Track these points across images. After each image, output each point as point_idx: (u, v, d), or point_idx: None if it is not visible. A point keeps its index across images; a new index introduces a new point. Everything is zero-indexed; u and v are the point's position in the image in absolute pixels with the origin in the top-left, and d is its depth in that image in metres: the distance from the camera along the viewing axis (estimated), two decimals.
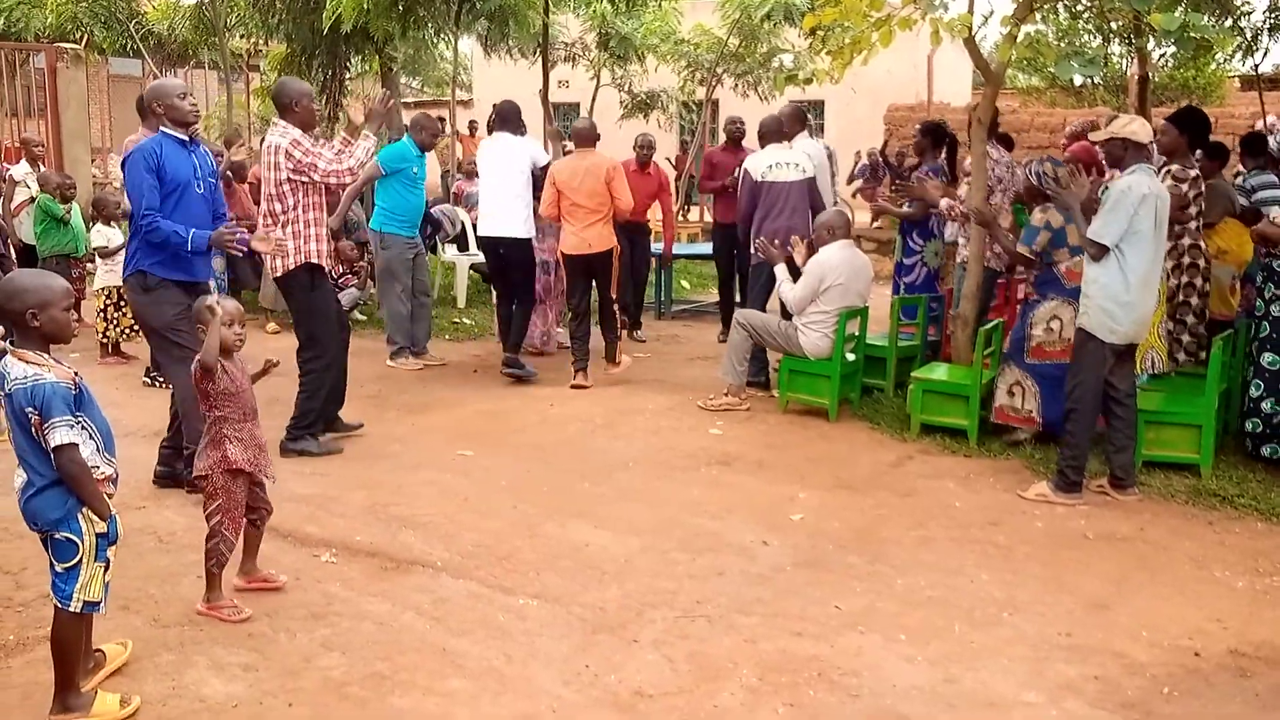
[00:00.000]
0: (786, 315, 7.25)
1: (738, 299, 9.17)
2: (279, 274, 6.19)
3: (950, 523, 5.29)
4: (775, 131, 8.07)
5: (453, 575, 4.64)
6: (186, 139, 5.43)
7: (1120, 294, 5.38)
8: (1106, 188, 5.58)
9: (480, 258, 9.51)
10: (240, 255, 7.17)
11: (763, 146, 8.06)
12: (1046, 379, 6.17)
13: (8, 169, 10.75)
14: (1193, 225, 6.50)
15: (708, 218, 18.08)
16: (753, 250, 7.62)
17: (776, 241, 7.37)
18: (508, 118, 8.17)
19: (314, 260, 6.16)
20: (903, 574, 4.67)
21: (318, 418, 6.36)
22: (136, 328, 8.77)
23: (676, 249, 12.14)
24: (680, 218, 17.09)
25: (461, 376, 8.35)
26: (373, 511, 5.35)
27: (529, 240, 7.99)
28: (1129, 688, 3.74)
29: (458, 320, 10.46)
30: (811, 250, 7.25)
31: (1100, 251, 5.40)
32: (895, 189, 8.55)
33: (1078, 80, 23.78)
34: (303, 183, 6.05)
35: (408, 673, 3.83)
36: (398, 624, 4.19)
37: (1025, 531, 5.18)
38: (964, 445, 6.42)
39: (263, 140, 6.23)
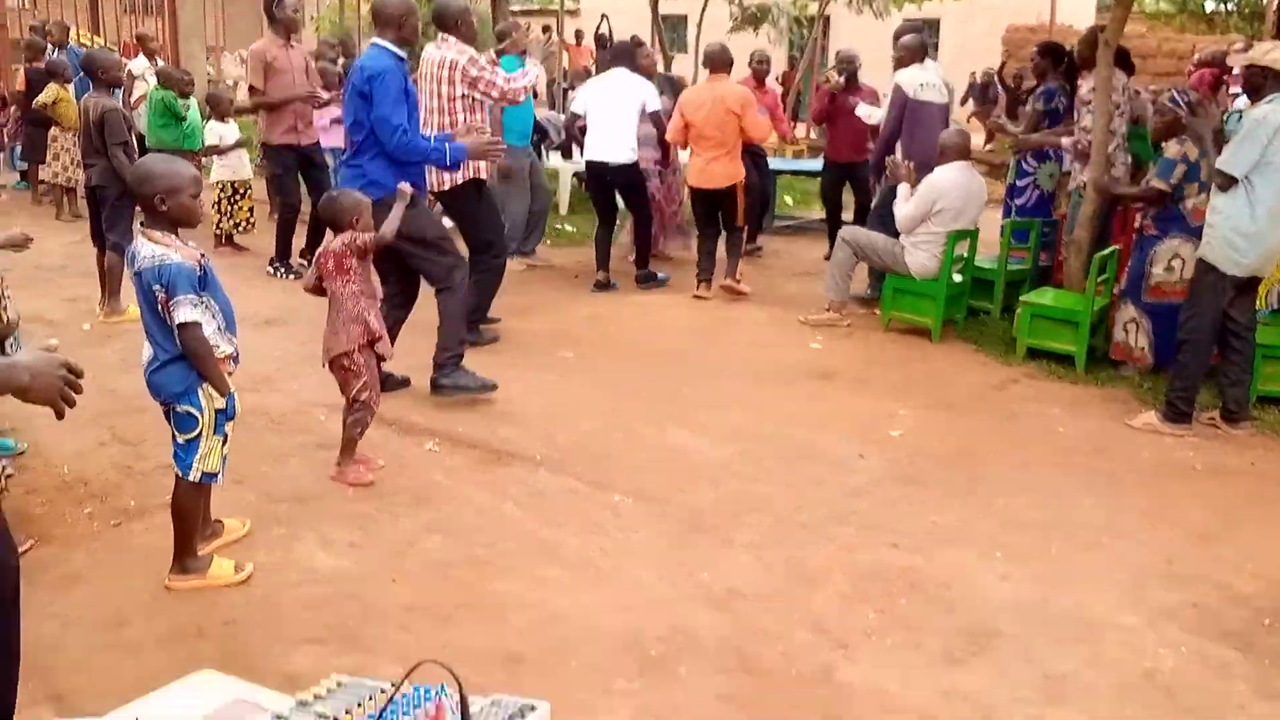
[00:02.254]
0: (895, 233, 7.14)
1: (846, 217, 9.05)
2: (445, 188, 6.24)
3: (1053, 448, 5.21)
4: (918, 50, 7.87)
5: (551, 471, 4.72)
6: (403, 57, 5.33)
7: (1245, 225, 5.19)
8: (1230, 115, 5.35)
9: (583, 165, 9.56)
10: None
11: (902, 67, 7.83)
12: (1162, 318, 5.99)
13: (127, 64, 10.99)
14: None
15: (813, 134, 17.79)
16: (886, 170, 7.48)
17: (909, 164, 7.18)
18: (622, 55, 8.25)
19: (480, 176, 6.26)
20: (1002, 494, 4.63)
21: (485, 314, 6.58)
22: (253, 221, 9.05)
23: (781, 165, 11.97)
24: None
25: (565, 281, 8.41)
26: (474, 406, 5.44)
27: (635, 163, 8.00)
28: (1230, 618, 3.69)
29: (560, 227, 10.50)
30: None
31: (1228, 182, 5.20)
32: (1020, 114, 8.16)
33: (1210, 6, 22.74)
34: (474, 99, 6.13)
35: (507, 559, 3.93)
36: (498, 513, 4.29)
37: (1131, 460, 5.09)
38: (1070, 372, 6.29)
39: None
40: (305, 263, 7.98)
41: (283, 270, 8.16)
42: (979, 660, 3.38)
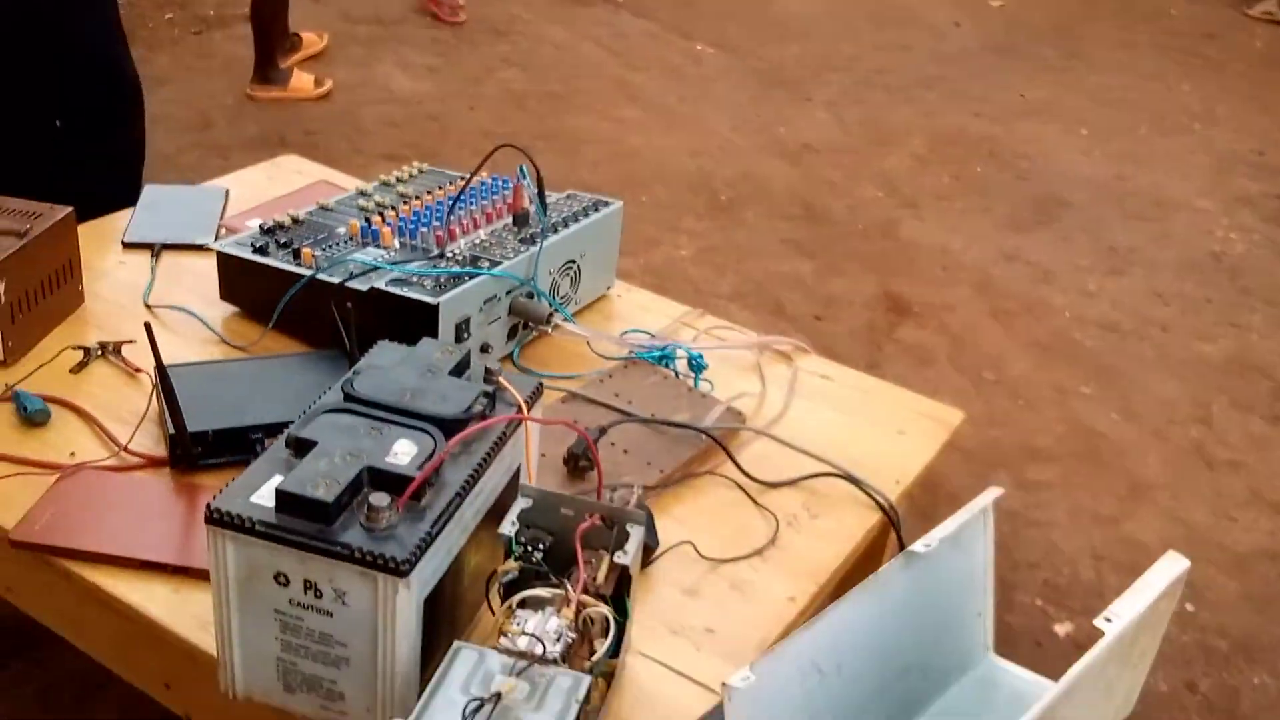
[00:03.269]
0: None
1: None
2: None
3: (1160, 30, 4.95)
4: None
5: (633, 14, 4.59)
6: None
7: None
8: None
9: None
10: None
11: None
12: None
13: None
14: None
15: None
16: None
17: None
18: None
19: None
20: (1097, 72, 4.45)
21: None
22: None
23: None
24: None
25: None
26: None
27: None
28: None
29: None
30: None
31: None
32: None
33: None
34: None
35: (584, 97, 3.91)
36: (577, 52, 4.22)
37: (1240, 49, 4.83)
38: None
39: None
40: None
41: None
42: (1045, 229, 3.40)
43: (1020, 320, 2.94)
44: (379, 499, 0.89)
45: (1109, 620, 0.75)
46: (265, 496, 0.90)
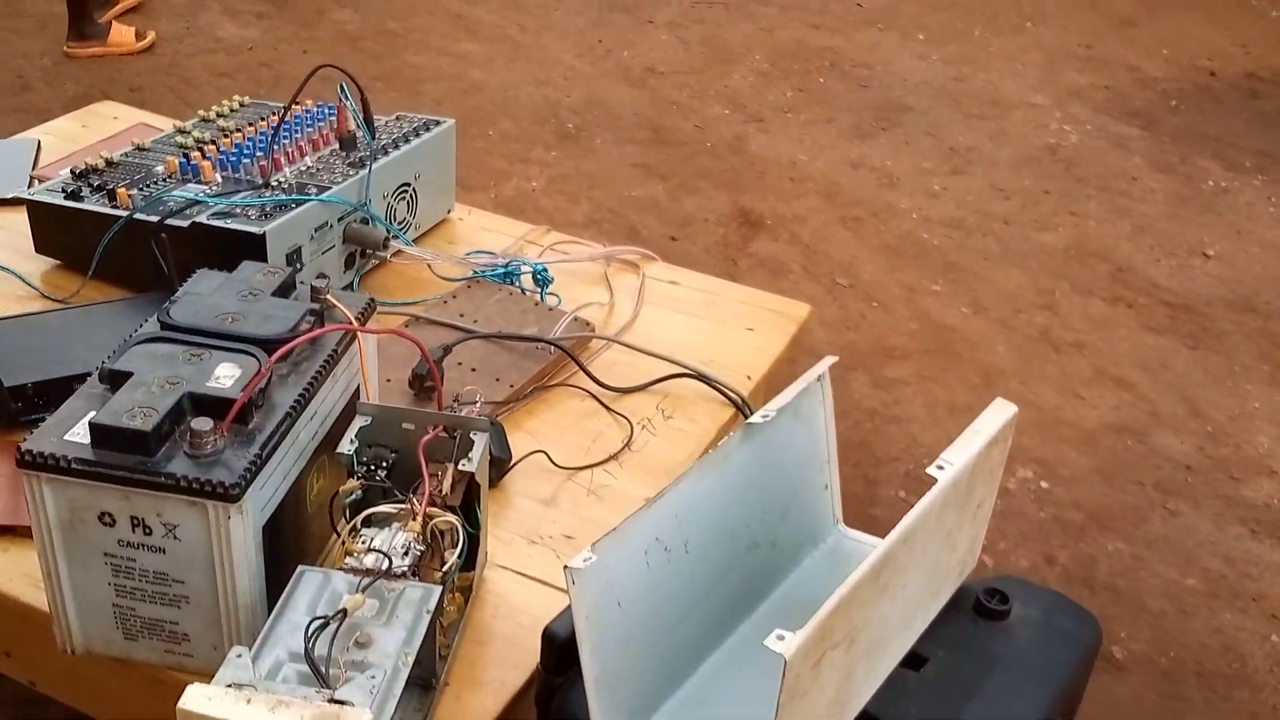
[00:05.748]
0: None
1: None
2: None
3: None
4: None
5: None
6: None
7: None
8: None
9: None
10: None
11: None
12: None
13: None
14: None
15: None
16: None
17: None
18: None
19: None
20: None
21: None
22: None
23: None
24: None
25: None
26: None
27: None
28: (1137, 99, 3.76)
29: None
30: None
31: None
32: None
33: None
34: None
35: (421, 34, 3.82)
36: None
37: None
38: None
39: None
40: None
41: None
42: (888, 135, 3.45)
43: (869, 225, 2.99)
44: (202, 424, 0.85)
45: (941, 468, 0.76)
46: (80, 434, 0.86)
